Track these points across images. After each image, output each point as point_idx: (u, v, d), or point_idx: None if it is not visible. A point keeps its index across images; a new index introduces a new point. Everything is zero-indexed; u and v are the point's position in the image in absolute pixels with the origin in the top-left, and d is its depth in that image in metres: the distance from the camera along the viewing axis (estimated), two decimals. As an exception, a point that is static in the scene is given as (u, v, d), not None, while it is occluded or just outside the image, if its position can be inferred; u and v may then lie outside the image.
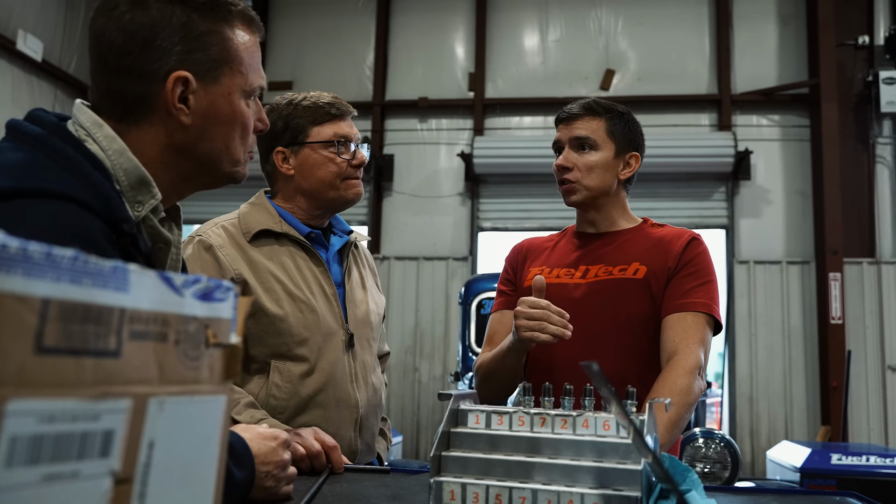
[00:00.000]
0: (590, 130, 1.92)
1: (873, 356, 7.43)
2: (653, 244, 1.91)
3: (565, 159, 1.93)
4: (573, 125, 1.94)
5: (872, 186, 7.68)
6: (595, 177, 1.91)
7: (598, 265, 1.90)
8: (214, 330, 0.62)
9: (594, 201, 1.94)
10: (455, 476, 1.02)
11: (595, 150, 1.92)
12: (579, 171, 1.91)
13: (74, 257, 0.47)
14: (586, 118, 1.93)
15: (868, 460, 4.86)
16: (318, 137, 1.82)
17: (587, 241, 1.97)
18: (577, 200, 1.94)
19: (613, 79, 8.27)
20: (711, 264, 1.91)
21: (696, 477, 1.09)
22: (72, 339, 0.47)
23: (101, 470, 0.49)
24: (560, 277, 1.92)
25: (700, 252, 1.89)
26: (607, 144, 1.92)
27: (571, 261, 1.95)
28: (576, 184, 1.92)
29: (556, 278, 1.93)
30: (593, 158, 1.91)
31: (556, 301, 1.81)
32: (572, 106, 1.97)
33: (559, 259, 1.98)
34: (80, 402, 0.47)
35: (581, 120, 1.93)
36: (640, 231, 1.96)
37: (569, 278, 1.91)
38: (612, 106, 1.97)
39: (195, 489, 0.60)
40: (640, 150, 2.00)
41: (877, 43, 7.80)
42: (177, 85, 1.05)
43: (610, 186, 1.93)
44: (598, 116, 1.93)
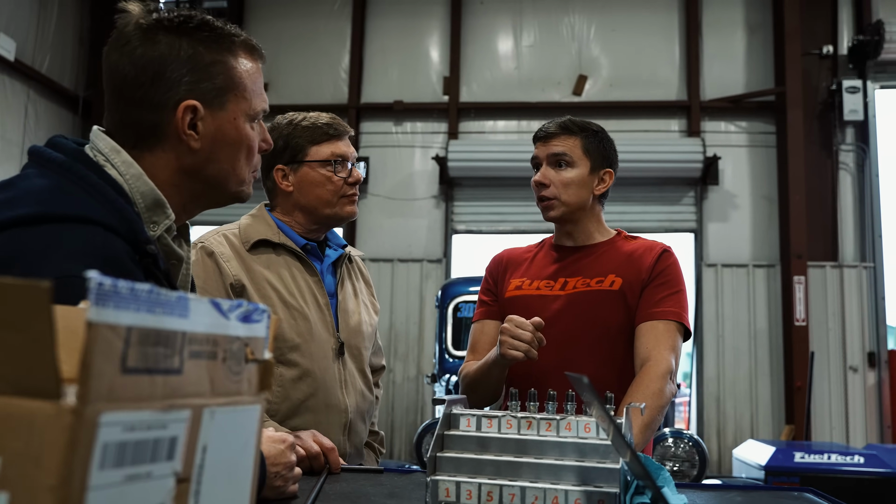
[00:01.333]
0: (566, 148, 2.00)
1: (835, 357, 7.66)
2: (627, 256, 2.00)
3: (543, 176, 2.01)
4: (550, 143, 2.02)
5: (836, 192, 7.90)
6: (572, 192, 1.99)
7: (577, 277, 1.99)
8: (252, 347, 0.70)
9: (571, 216, 2.02)
10: (450, 475, 1.11)
11: (571, 167, 2.00)
12: (556, 188, 1.99)
13: (150, 290, 0.55)
14: (563, 136, 2.02)
15: (829, 458, 5.04)
16: (316, 156, 1.91)
17: (565, 254, 2.06)
18: (556, 216, 2.02)
19: (586, 84, 8.41)
20: (681, 274, 2.01)
21: (667, 474, 1.19)
22: (147, 359, 0.55)
23: (167, 471, 0.58)
24: (540, 289, 2.01)
25: (670, 263, 1.99)
26: (583, 161, 2.01)
27: (550, 273, 2.04)
28: (554, 200, 2.00)
29: (536, 290, 2.02)
30: (570, 175, 1.99)
31: (537, 312, 1.91)
32: (549, 125, 2.05)
33: (538, 271, 2.06)
34: (153, 414, 0.56)
35: (558, 138, 2.02)
36: (615, 244, 2.05)
37: (548, 290, 2.00)
38: (587, 125, 2.06)
39: (237, 486, 0.68)
40: (614, 166, 2.08)
41: (840, 53, 8.03)
42: (186, 113, 1.13)
43: (586, 201, 2.02)
44: (574, 135, 2.02)
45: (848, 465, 4.95)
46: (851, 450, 5.33)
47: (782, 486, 2.08)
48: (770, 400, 7.69)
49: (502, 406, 1.89)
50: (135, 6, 1.14)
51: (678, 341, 1.92)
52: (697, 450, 3.79)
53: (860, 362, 7.65)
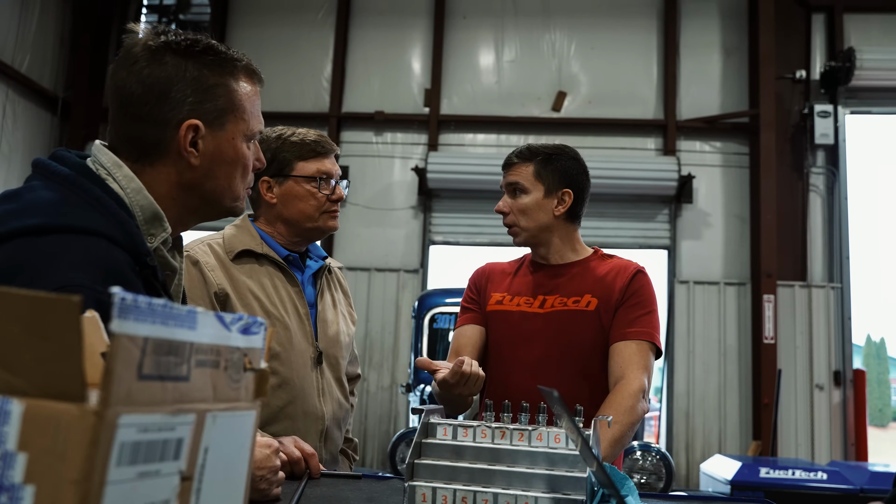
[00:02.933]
0: (520, 176, 2.08)
1: (802, 375, 7.81)
2: (602, 277, 2.06)
3: (502, 204, 2.12)
4: (508, 172, 2.11)
5: (806, 213, 8.08)
6: (529, 218, 2.07)
7: (554, 296, 2.06)
8: (250, 357, 0.76)
9: (535, 239, 2.10)
10: (426, 481, 1.17)
11: (525, 194, 2.07)
12: (514, 215, 2.08)
13: (164, 305, 0.61)
14: (518, 165, 2.10)
15: (794, 474, 5.15)
16: (302, 172, 1.96)
17: (542, 273, 2.13)
18: (521, 241, 2.12)
19: (565, 101, 8.53)
20: (653, 294, 2.07)
21: (632, 484, 1.25)
22: (160, 367, 0.61)
23: (173, 470, 0.63)
24: (520, 306, 2.08)
25: (643, 284, 2.05)
26: (536, 186, 2.07)
27: (530, 290, 2.11)
28: (514, 227, 2.09)
29: (516, 306, 2.09)
30: (524, 201, 2.07)
31: (517, 327, 2.03)
32: (510, 154, 2.14)
33: (518, 287, 2.13)
34: (164, 417, 0.61)
35: (514, 167, 2.10)
36: (590, 263, 2.11)
37: (528, 307, 2.07)
38: (541, 149, 2.12)
39: (233, 486, 0.74)
40: (574, 185, 2.10)
41: (813, 78, 8.24)
42: (189, 131, 1.19)
43: (547, 224, 2.08)
44: (527, 162, 2.09)
45: (811, 482, 5.07)
46: (815, 466, 5.45)
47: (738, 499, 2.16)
48: (738, 416, 7.81)
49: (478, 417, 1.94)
50: (139, 27, 1.19)
51: (650, 360, 1.98)
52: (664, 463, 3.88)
53: (826, 380, 7.81)
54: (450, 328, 5.57)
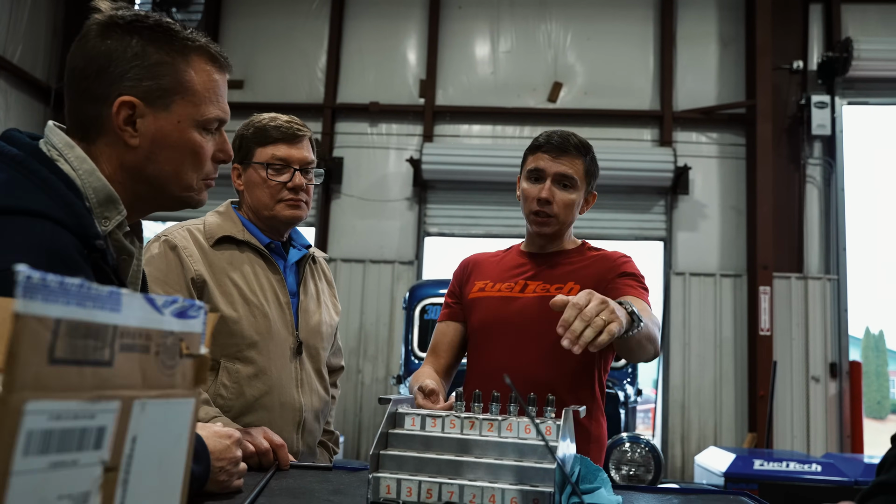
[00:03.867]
0: (575, 170, 1.97)
1: (798, 367, 7.78)
2: (588, 265, 2.02)
3: (550, 193, 1.97)
4: (561, 160, 1.97)
5: (802, 205, 8.04)
6: (569, 213, 2.00)
7: (537, 282, 2.01)
8: (187, 342, 0.72)
9: (560, 232, 2.04)
10: (391, 472, 1.14)
11: (574, 190, 1.99)
12: (558, 207, 1.98)
13: (80, 284, 0.57)
14: (574, 157, 1.98)
15: (788, 466, 5.13)
16: (258, 158, 1.92)
17: (530, 260, 2.09)
18: (549, 233, 2.02)
19: (561, 91, 8.48)
20: (643, 277, 2.01)
21: (605, 476, 1.22)
22: (76, 351, 0.57)
23: (94, 459, 0.60)
24: (501, 291, 2.03)
25: (631, 267, 2.00)
26: (583, 184, 2.01)
27: (513, 276, 2.06)
28: (553, 218, 1.99)
29: (497, 292, 2.04)
30: (572, 197, 1.99)
31: (496, 313, 1.98)
32: (559, 140, 1.99)
33: (501, 274, 2.08)
34: (81, 404, 0.58)
35: (569, 157, 1.97)
36: (578, 253, 2.07)
37: (509, 292, 2.02)
38: (587, 145, 2.04)
39: (168, 477, 0.70)
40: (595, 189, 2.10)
41: (810, 68, 8.19)
42: (122, 108, 1.14)
43: (573, 220, 2.05)
44: (581, 156, 2.00)
45: (805, 474, 5.05)
46: (810, 458, 5.43)
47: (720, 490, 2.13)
48: (734, 408, 7.79)
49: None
50: (105, 4, 1.15)
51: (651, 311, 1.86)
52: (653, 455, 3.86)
53: (822, 372, 7.79)
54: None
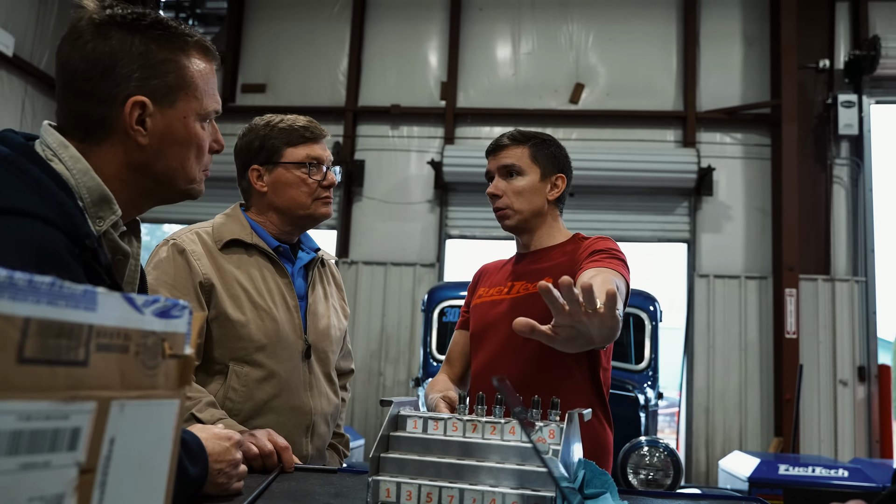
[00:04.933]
0: (515, 158, 2.04)
1: (825, 371, 7.66)
2: (564, 256, 2.01)
3: (495, 187, 2.06)
4: (500, 155, 2.06)
5: (829, 206, 7.92)
6: (524, 200, 2.03)
7: (521, 282, 2.04)
8: (170, 343, 0.71)
9: (527, 224, 2.06)
10: (391, 475, 1.12)
11: (522, 176, 2.04)
12: (508, 197, 2.03)
13: (52, 283, 0.56)
14: (511, 147, 2.06)
15: (814, 471, 5.04)
16: (291, 158, 1.93)
17: (519, 261, 2.12)
18: (511, 225, 2.06)
19: (583, 93, 8.43)
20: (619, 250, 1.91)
21: (610, 480, 1.19)
22: (47, 351, 0.56)
23: (68, 461, 0.59)
24: (493, 296, 2.08)
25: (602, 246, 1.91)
26: (532, 169, 2.04)
27: (503, 279, 2.10)
28: (507, 209, 2.04)
29: (490, 297, 2.09)
30: (520, 183, 2.03)
31: (484, 317, 2.02)
32: (499, 138, 2.10)
33: (497, 279, 2.13)
34: (53, 404, 0.57)
35: (507, 149, 2.06)
36: (564, 247, 2.06)
37: (497, 295, 2.07)
38: (534, 134, 2.11)
39: (149, 481, 0.69)
40: (566, 171, 2.11)
41: (837, 67, 8.06)
42: (134, 109, 1.14)
43: (539, 208, 2.05)
44: (521, 144, 2.06)
45: (832, 479, 4.96)
46: (836, 463, 5.33)
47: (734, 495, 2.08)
48: (759, 412, 7.69)
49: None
50: (90, 2, 1.15)
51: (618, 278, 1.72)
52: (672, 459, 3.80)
53: (850, 376, 7.66)
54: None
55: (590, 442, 1.88)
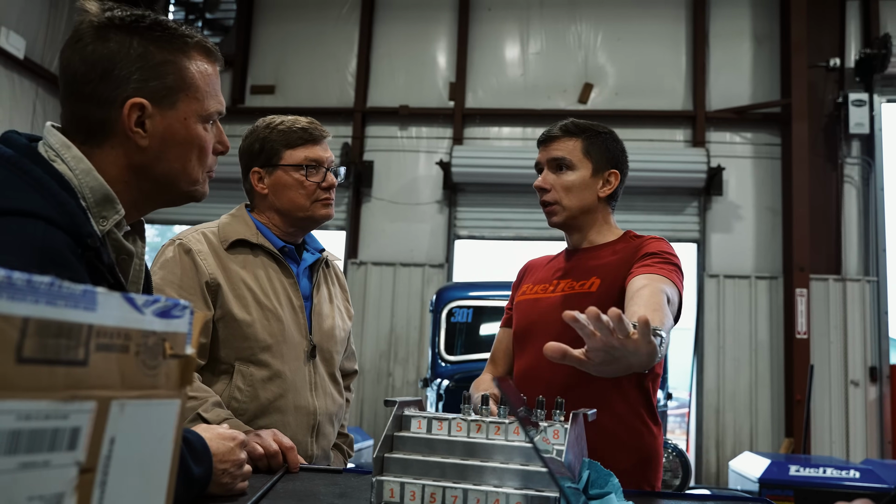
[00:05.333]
0: (566, 151, 1.95)
1: (837, 371, 7.61)
2: (614, 256, 1.92)
3: (543, 180, 1.96)
4: (551, 147, 1.97)
5: (840, 205, 7.87)
6: (573, 196, 1.94)
7: (566, 280, 1.95)
8: (171, 343, 0.71)
9: (575, 221, 1.97)
10: (395, 476, 1.12)
11: (571, 170, 1.94)
12: (557, 192, 1.94)
13: (51, 283, 0.56)
14: (563, 139, 1.96)
15: (825, 472, 5.01)
16: (289, 160, 1.93)
17: (567, 258, 2.03)
18: (559, 221, 1.97)
19: (592, 93, 8.41)
20: (674, 254, 1.86)
21: (616, 481, 1.19)
22: (46, 350, 0.56)
23: (68, 461, 0.59)
24: (537, 293, 1.99)
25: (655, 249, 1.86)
26: (584, 164, 1.95)
27: (549, 276, 2.01)
28: (555, 205, 1.95)
29: (533, 294, 2.00)
30: (570, 178, 1.94)
31: (528, 315, 1.94)
32: (551, 128, 2.00)
33: (543, 276, 2.04)
34: (52, 404, 0.57)
35: (558, 141, 1.96)
36: (614, 245, 1.97)
37: (542, 293, 1.98)
38: (588, 126, 1.99)
39: (150, 480, 0.69)
40: (620, 167, 2.00)
41: (847, 66, 8.00)
42: (133, 110, 1.15)
43: (590, 205, 1.96)
44: (574, 137, 1.96)
45: (843, 480, 4.92)
46: (848, 464, 5.30)
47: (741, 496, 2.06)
48: (770, 412, 7.65)
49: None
50: (93, 5, 1.16)
51: (671, 289, 1.69)
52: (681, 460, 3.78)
53: (862, 376, 7.61)
54: (467, 322, 5.50)
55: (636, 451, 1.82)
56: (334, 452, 2.00)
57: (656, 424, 1.90)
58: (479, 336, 5.55)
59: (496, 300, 5.60)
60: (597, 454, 1.72)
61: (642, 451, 1.84)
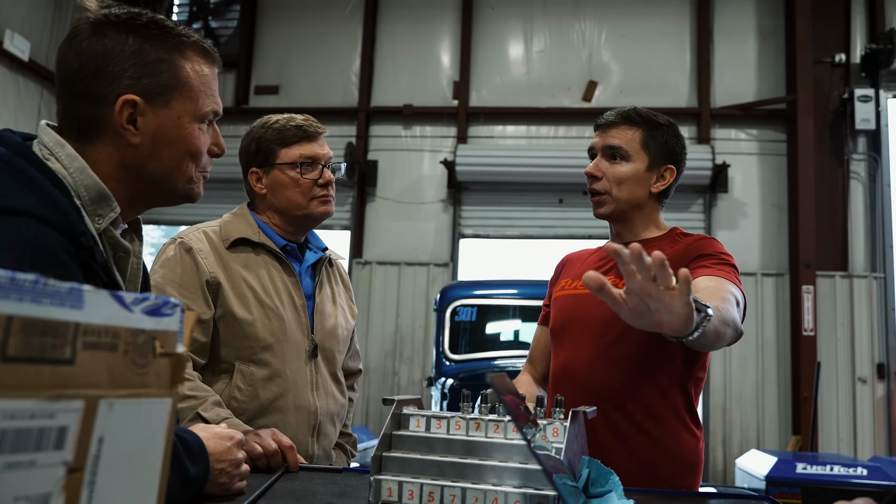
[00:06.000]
0: (623, 140, 1.84)
1: (844, 368, 7.58)
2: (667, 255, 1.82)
3: (595, 167, 1.85)
4: (608, 133, 1.86)
5: (846, 201, 7.83)
6: (624, 189, 1.83)
7: (609, 276, 1.83)
8: (162, 341, 0.70)
9: (622, 214, 1.87)
10: (394, 475, 1.11)
11: (627, 161, 1.84)
12: (608, 182, 1.84)
13: (35, 280, 0.56)
14: (622, 127, 1.85)
15: (832, 470, 4.99)
16: (284, 159, 1.92)
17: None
18: (605, 213, 1.87)
19: (596, 90, 8.39)
20: (729, 255, 1.79)
21: (616, 479, 1.18)
22: (31, 349, 0.56)
23: (55, 460, 0.58)
24: (576, 289, 1.90)
25: (709, 249, 1.79)
26: (640, 156, 1.84)
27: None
28: (605, 195, 1.85)
29: (573, 289, 1.91)
30: (623, 170, 1.83)
31: (566, 311, 1.87)
32: (610, 113, 1.89)
33: (582, 269, 1.93)
34: (38, 403, 0.56)
35: (616, 128, 1.85)
36: (660, 242, 1.87)
37: (582, 288, 1.84)
38: (651, 116, 1.88)
39: (141, 480, 0.69)
40: (678, 163, 1.89)
41: (853, 61, 7.96)
42: (125, 107, 1.14)
43: (640, 199, 1.86)
44: (634, 126, 1.85)
45: (851, 478, 4.90)
46: (855, 462, 5.27)
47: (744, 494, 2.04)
48: (777, 410, 7.62)
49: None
50: (92, 3, 1.15)
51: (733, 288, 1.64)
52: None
53: (869, 373, 7.57)
54: (472, 321, 5.49)
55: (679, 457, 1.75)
56: (337, 452, 2.00)
57: (699, 428, 1.84)
58: (483, 335, 5.54)
59: (500, 298, 5.59)
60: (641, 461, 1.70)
61: (686, 457, 1.78)
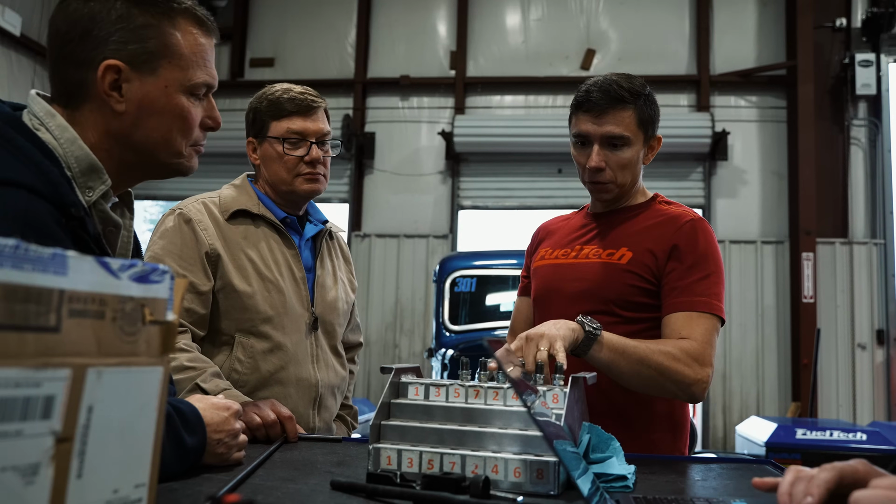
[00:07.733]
0: (623, 126, 1.73)
1: (843, 335, 7.60)
2: (646, 228, 1.79)
3: (599, 159, 1.74)
4: (604, 120, 1.73)
5: (847, 168, 7.80)
6: (627, 173, 1.77)
7: (591, 246, 1.82)
8: (151, 308, 0.69)
9: (623, 193, 1.83)
10: (392, 443, 1.10)
11: (628, 147, 1.75)
12: (613, 171, 1.76)
13: (16, 246, 0.54)
14: (617, 111, 1.73)
15: (832, 435, 5.02)
16: (273, 132, 1.88)
17: (592, 221, 1.88)
18: (611, 199, 1.83)
19: (594, 58, 8.31)
20: (711, 249, 1.75)
21: (617, 445, 1.17)
22: (14, 316, 0.54)
23: (43, 430, 0.57)
24: (558, 258, 1.86)
25: (697, 237, 1.74)
26: (638, 137, 1.76)
27: (571, 240, 1.88)
28: (610, 184, 1.78)
29: (554, 259, 1.87)
30: (626, 156, 1.75)
31: (549, 281, 1.82)
32: (599, 95, 1.74)
33: (562, 238, 1.91)
34: (22, 371, 0.55)
35: (610, 114, 1.73)
36: (643, 211, 1.83)
37: (564, 258, 1.84)
38: (637, 89, 1.77)
39: (132, 448, 0.67)
40: (657, 129, 1.83)
41: (854, 25, 7.89)
42: (108, 73, 1.11)
43: (638, 176, 1.83)
44: (629, 106, 1.74)
45: (850, 443, 4.93)
46: (855, 427, 5.30)
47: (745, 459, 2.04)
48: (777, 377, 7.65)
49: None
50: None
51: (711, 330, 1.67)
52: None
53: (869, 340, 7.59)
54: (471, 291, 5.48)
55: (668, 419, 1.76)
56: (338, 424, 1.99)
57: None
58: (483, 305, 5.53)
59: (499, 269, 5.58)
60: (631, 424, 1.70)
61: (673, 419, 1.78)
